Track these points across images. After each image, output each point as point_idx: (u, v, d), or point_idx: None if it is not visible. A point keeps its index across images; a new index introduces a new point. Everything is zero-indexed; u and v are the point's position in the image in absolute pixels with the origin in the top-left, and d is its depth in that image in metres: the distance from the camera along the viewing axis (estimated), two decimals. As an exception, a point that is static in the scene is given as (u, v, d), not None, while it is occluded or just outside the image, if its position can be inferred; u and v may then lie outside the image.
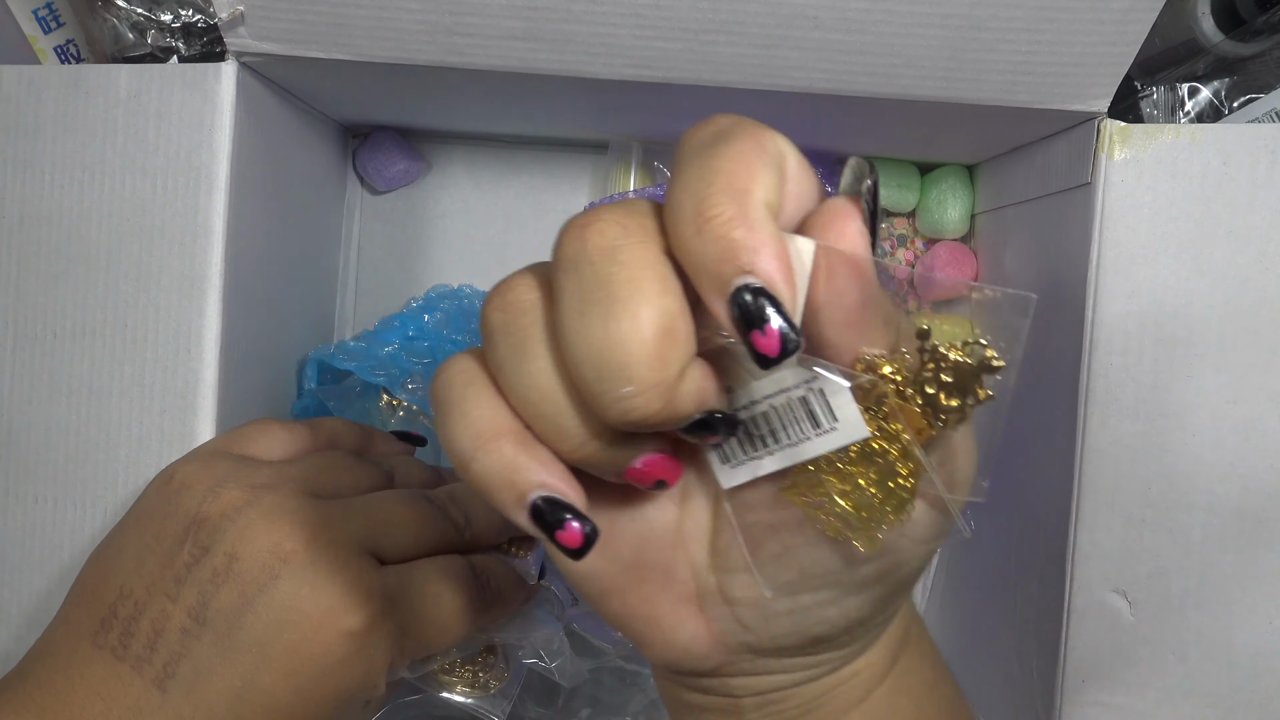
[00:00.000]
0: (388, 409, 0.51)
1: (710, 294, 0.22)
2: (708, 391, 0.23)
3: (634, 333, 0.21)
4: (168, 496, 0.35)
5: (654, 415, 0.22)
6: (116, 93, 0.41)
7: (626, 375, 0.21)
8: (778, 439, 0.25)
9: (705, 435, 0.24)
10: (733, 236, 0.21)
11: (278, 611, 0.32)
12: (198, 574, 0.32)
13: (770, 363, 0.22)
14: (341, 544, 0.34)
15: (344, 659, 0.33)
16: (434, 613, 0.35)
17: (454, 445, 0.24)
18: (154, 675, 0.32)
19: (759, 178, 0.22)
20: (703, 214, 0.21)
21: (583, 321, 0.22)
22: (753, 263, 0.21)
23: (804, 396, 0.24)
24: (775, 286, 0.21)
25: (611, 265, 0.22)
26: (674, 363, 0.22)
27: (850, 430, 0.24)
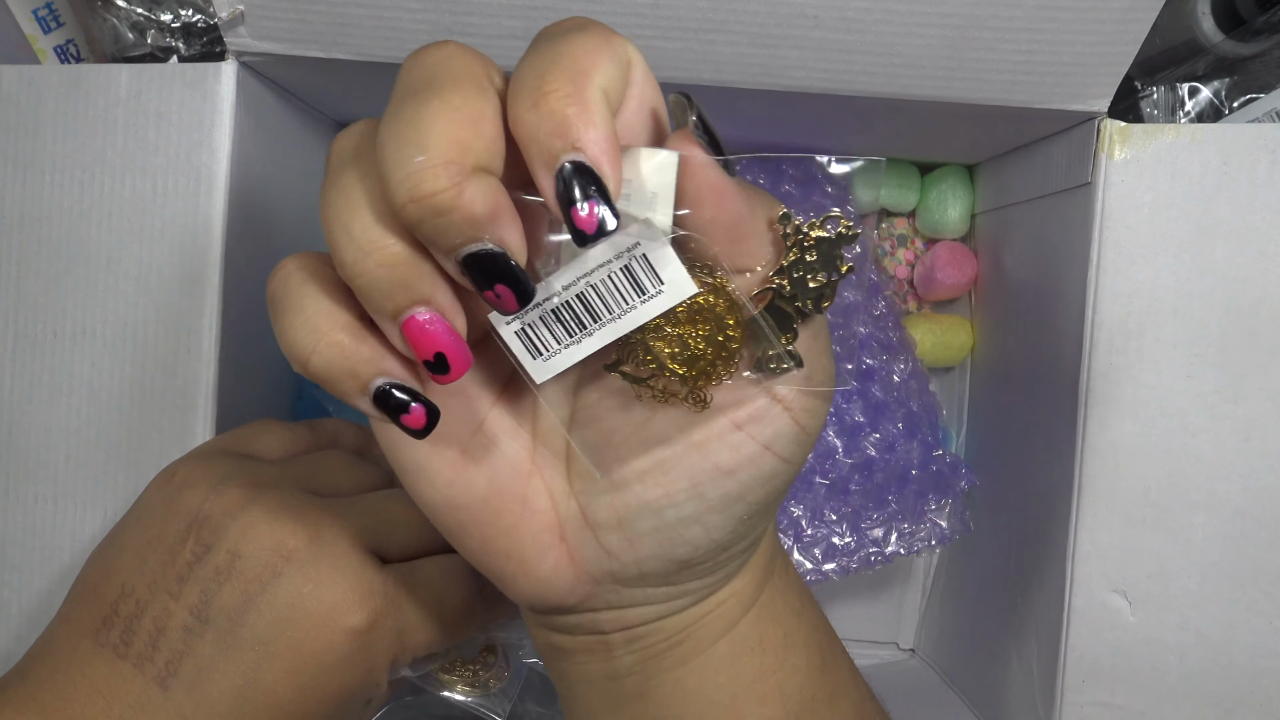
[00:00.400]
0: None
1: (537, 167, 0.22)
2: (505, 210, 0.22)
3: (440, 111, 0.21)
4: (169, 495, 0.35)
5: (440, 195, 0.21)
6: (117, 92, 0.41)
7: (422, 144, 0.21)
8: (598, 317, 0.25)
9: (493, 280, 0.23)
10: (565, 113, 0.21)
11: (280, 609, 0.32)
12: (200, 572, 0.32)
13: (587, 240, 0.22)
14: (344, 542, 0.34)
15: (346, 657, 0.33)
16: (436, 611, 0.35)
17: (292, 343, 0.25)
18: (156, 673, 0.31)
19: (601, 66, 0.22)
20: (540, 89, 0.22)
21: (395, 108, 0.22)
22: (581, 139, 0.21)
23: (626, 265, 0.24)
24: (600, 166, 0.22)
25: (439, 68, 0.23)
26: (471, 150, 0.22)
27: (678, 289, 0.24)
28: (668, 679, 0.31)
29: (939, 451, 0.53)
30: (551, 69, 0.22)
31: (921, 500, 0.53)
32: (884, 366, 0.53)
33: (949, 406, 0.59)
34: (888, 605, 0.61)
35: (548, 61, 0.22)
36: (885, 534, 0.52)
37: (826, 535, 0.52)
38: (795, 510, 0.52)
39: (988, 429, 0.55)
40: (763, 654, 0.31)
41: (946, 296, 0.58)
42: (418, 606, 0.35)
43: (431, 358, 0.24)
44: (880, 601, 0.61)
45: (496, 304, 0.24)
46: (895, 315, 0.55)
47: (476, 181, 0.22)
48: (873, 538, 0.52)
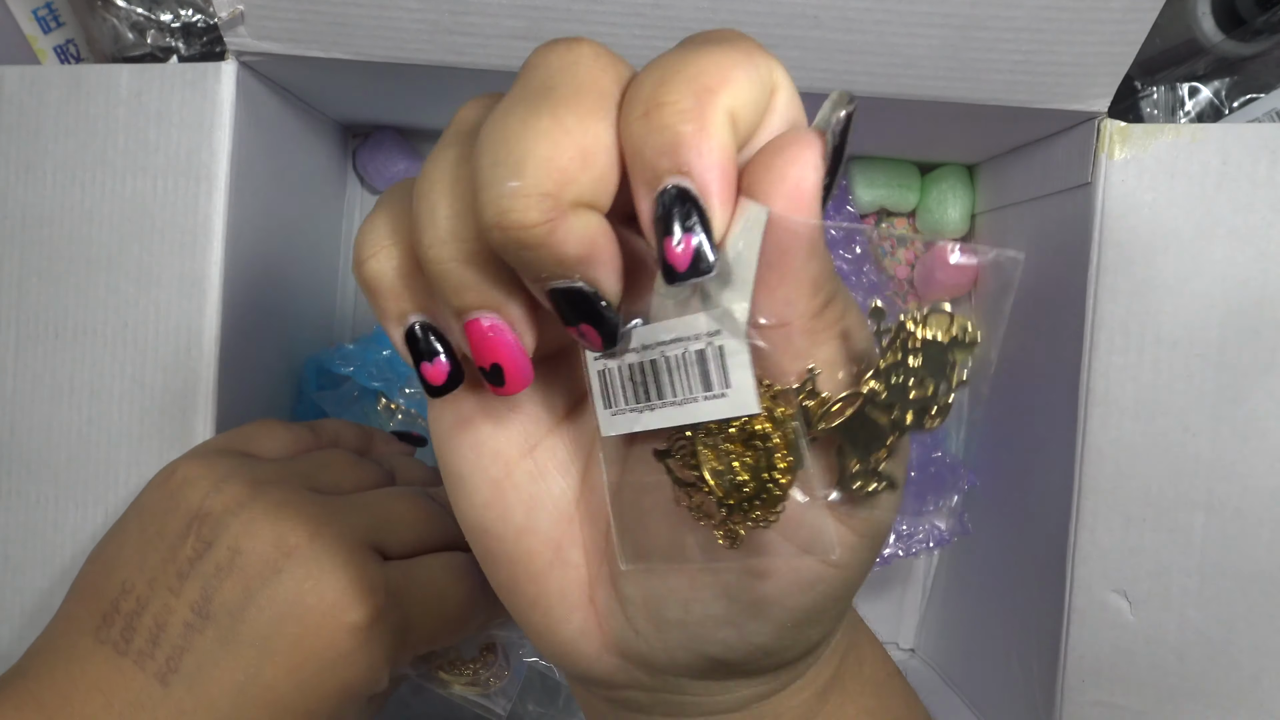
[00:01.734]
0: (385, 413, 0.51)
1: (638, 185, 0.20)
2: (602, 252, 0.20)
3: (548, 132, 0.19)
4: (169, 492, 0.35)
5: (530, 230, 0.19)
6: (118, 93, 0.41)
7: (520, 168, 0.19)
8: (663, 394, 0.22)
9: (579, 317, 0.21)
10: (679, 129, 0.19)
11: (281, 605, 0.32)
12: (201, 568, 0.32)
13: (677, 277, 0.20)
14: (345, 539, 0.33)
15: (348, 653, 0.32)
16: (437, 607, 0.35)
17: (361, 240, 0.23)
18: (156, 669, 0.31)
19: (734, 84, 0.19)
20: (656, 98, 0.19)
21: (506, 110, 0.20)
22: (691, 163, 0.19)
23: (702, 350, 0.21)
24: (708, 196, 0.19)
25: (564, 74, 0.20)
26: (574, 184, 0.19)
27: (740, 401, 0.21)
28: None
29: (938, 453, 0.53)
30: (674, 78, 0.19)
31: (920, 502, 0.53)
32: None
33: (949, 406, 0.59)
34: (888, 605, 0.61)
35: (673, 69, 0.20)
36: (884, 535, 0.52)
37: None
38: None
39: (987, 429, 0.55)
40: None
41: (946, 296, 0.58)
42: (419, 603, 0.35)
43: (487, 366, 0.22)
44: (880, 601, 0.61)
45: (581, 341, 0.22)
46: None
47: (573, 219, 0.19)
48: (872, 538, 0.52)
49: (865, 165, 0.56)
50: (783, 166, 0.19)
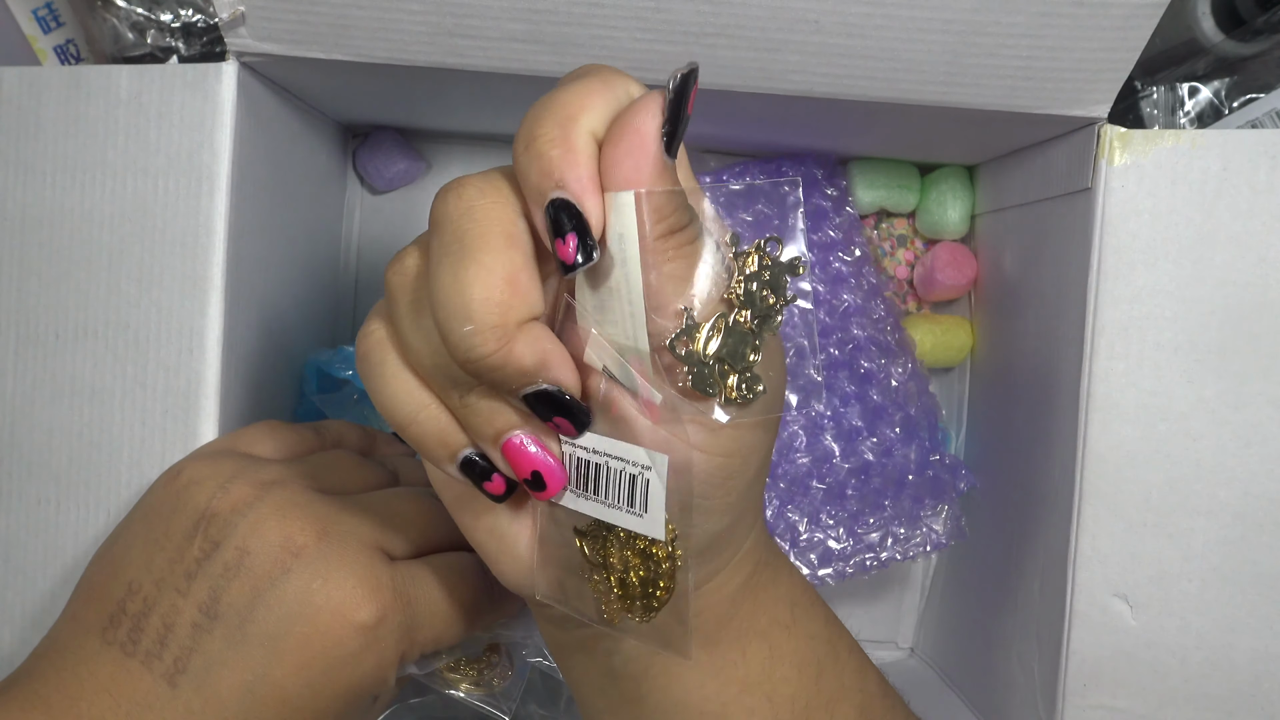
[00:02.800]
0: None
1: (531, 205, 0.25)
2: (551, 356, 0.25)
3: (476, 278, 0.24)
4: (175, 493, 0.35)
5: (490, 356, 0.24)
6: (118, 93, 0.41)
7: (467, 315, 0.24)
8: (599, 493, 0.27)
9: (551, 413, 0.26)
10: (550, 155, 0.24)
11: (290, 605, 0.32)
12: (208, 568, 0.33)
13: (570, 269, 0.24)
14: (352, 538, 0.34)
15: (355, 652, 0.33)
16: (444, 607, 0.35)
17: (392, 409, 0.28)
18: (164, 670, 0.32)
19: (590, 108, 0.24)
20: (531, 134, 0.24)
21: (439, 271, 0.25)
22: (564, 178, 0.24)
23: (634, 476, 0.27)
24: (581, 202, 0.24)
25: (466, 222, 0.25)
26: (513, 309, 0.24)
27: (649, 526, 0.27)
28: (657, 685, 0.32)
29: (936, 456, 0.53)
30: (544, 114, 0.24)
31: (918, 505, 0.53)
32: (882, 370, 0.53)
33: (948, 407, 0.59)
34: (887, 605, 0.61)
35: (543, 107, 0.25)
36: (881, 539, 0.52)
37: (823, 540, 0.52)
38: (792, 515, 0.52)
39: (987, 430, 0.55)
40: (746, 667, 0.32)
41: (946, 297, 0.58)
42: (426, 602, 0.35)
43: (529, 476, 0.27)
44: (879, 601, 0.61)
45: (559, 432, 0.27)
46: (895, 317, 0.55)
47: (521, 337, 0.25)
48: (868, 543, 0.52)
49: (865, 166, 0.56)
50: (626, 120, 0.24)
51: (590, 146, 0.24)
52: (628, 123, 0.24)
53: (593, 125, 0.24)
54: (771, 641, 0.32)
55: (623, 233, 0.25)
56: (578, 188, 0.24)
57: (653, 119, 0.24)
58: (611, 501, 0.27)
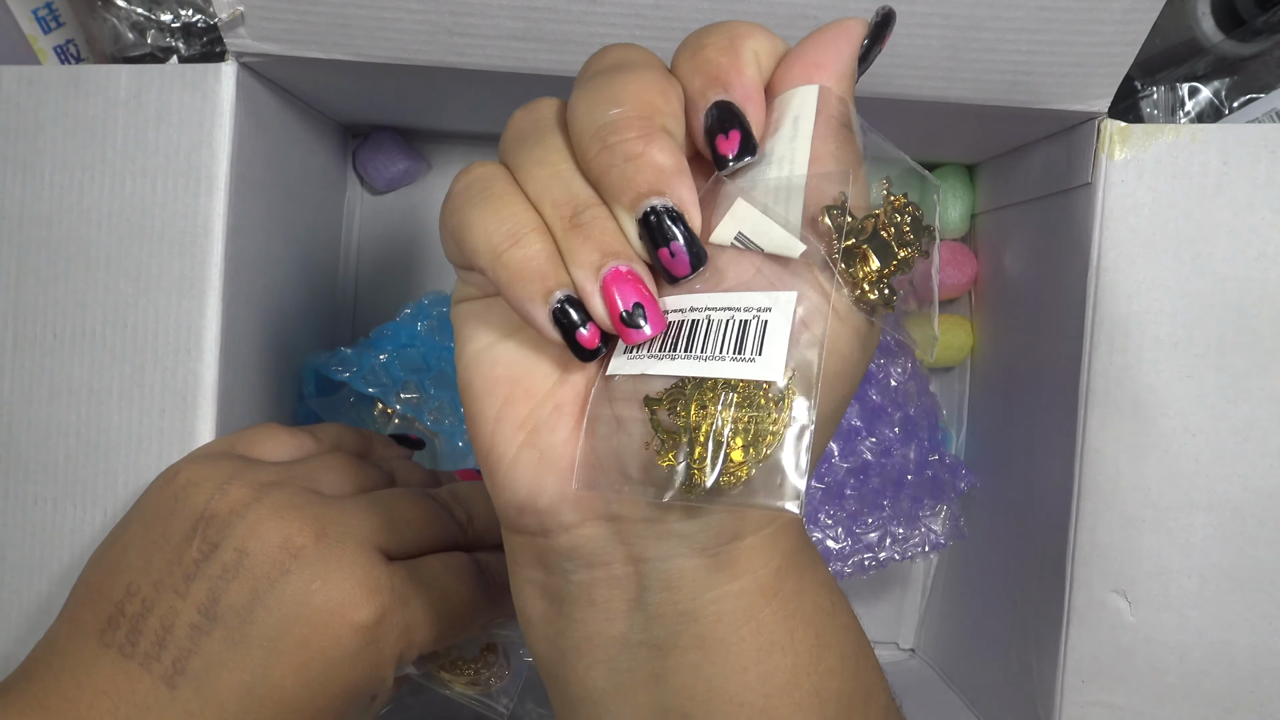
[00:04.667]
0: (381, 418, 0.51)
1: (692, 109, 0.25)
2: (684, 170, 0.25)
3: (634, 79, 0.25)
4: (173, 494, 0.35)
5: (631, 141, 0.24)
6: (116, 93, 0.41)
7: (618, 99, 0.24)
8: (690, 348, 0.25)
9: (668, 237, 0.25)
10: (719, 61, 0.25)
11: (289, 606, 0.32)
12: (207, 570, 0.33)
13: (728, 162, 0.25)
14: (351, 539, 0.34)
15: (354, 652, 0.33)
16: (442, 607, 0.35)
17: (491, 230, 0.25)
18: (163, 672, 0.32)
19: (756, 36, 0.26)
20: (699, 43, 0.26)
21: (587, 80, 0.26)
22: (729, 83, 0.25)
23: (745, 320, 0.25)
24: (745, 106, 0.25)
25: (629, 55, 0.26)
26: (660, 113, 0.24)
27: (766, 368, 0.24)
28: (686, 662, 0.27)
29: (935, 456, 0.53)
30: (713, 31, 0.26)
31: (916, 506, 0.53)
32: (881, 369, 0.53)
33: (949, 407, 0.59)
34: (888, 605, 0.61)
35: (711, 27, 0.26)
36: (880, 539, 0.52)
37: (821, 540, 0.52)
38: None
39: (988, 429, 0.55)
40: (795, 654, 0.27)
41: (946, 297, 0.58)
42: (424, 602, 0.35)
43: (630, 308, 0.25)
44: (880, 601, 0.61)
45: (669, 265, 0.25)
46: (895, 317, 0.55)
47: (662, 137, 0.24)
48: (866, 542, 0.52)
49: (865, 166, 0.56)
50: (834, 23, 0.26)
51: (755, 64, 0.25)
52: (837, 24, 0.26)
53: (758, 49, 0.25)
54: (817, 628, 0.28)
55: (799, 115, 0.25)
56: (742, 94, 0.25)
57: (860, 26, 0.26)
58: (711, 353, 0.25)
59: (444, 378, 0.52)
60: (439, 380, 0.52)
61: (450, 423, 0.51)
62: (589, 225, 0.25)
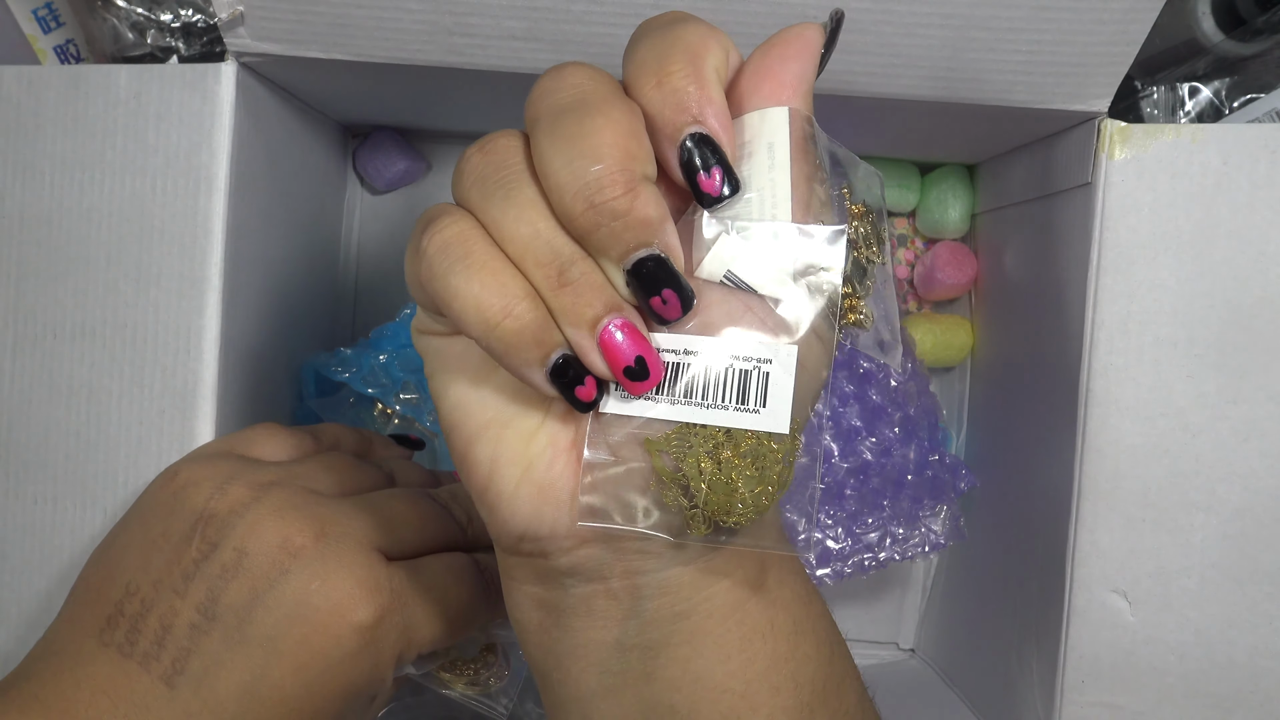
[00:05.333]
0: (381, 418, 0.51)
1: (663, 140, 0.25)
2: (668, 217, 0.25)
3: (605, 126, 0.24)
4: (173, 494, 0.35)
5: (618, 199, 0.23)
6: (116, 93, 0.41)
7: (597, 155, 0.23)
8: (690, 394, 0.26)
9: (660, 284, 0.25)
10: (688, 89, 0.24)
11: (288, 606, 0.32)
12: (206, 569, 0.33)
13: (715, 202, 0.25)
14: (350, 539, 0.34)
15: (353, 653, 0.33)
16: (441, 607, 0.35)
17: (481, 304, 0.25)
18: (162, 671, 0.32)
19: (713, 49, 0.25)
20: (664, 69, 0.24)
21: (560, 123, 0.24)
22: (703, 114, 0.24)
23: (746, 370, 0.25)
24: (718, 136, 0.24)
25: (587, 84, 0.25)
26: (637, 160, 0.24)
27: (772, 420, 0.25)
28: (676, 657, 0.28)
29: (935, 456, 0.53)
30: (671, 51, 0.25)
31: (916, 506, 0.53)
32: (881, 370, 0.53)
33: (949, 407, 0.59)
34: (888, 605, 0.61)
35: (667, 45, 0.25)
36: (880, 539, 0.52)
37: (821, 540, 0.52)
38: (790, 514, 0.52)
39: (988, 429, 0.55)
40: (775, 641, 0.29)
41: (946, 296, 0.58)
42: (423, 603, 0.35)
43: (632, 362, 0.25)
44: (880, 601, 0.61)
45: (661, 310, 0.25)
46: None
47: (645, 188, 0.24)
48: (866, 542, 0.52)
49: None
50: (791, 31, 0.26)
51: (719, 85, 0.25)
52: (795, 33, 0.25)
53: (717, 64, 0.25)
54: (795, 615, 0.30)
55: (773, 141, 0.25)
56: (716, 124, 0.24)
57: (818, 34, 0.25)
58: (713, 402, 0.25)
59: None
60: None
61: None
62: (578, 282, 0.25)
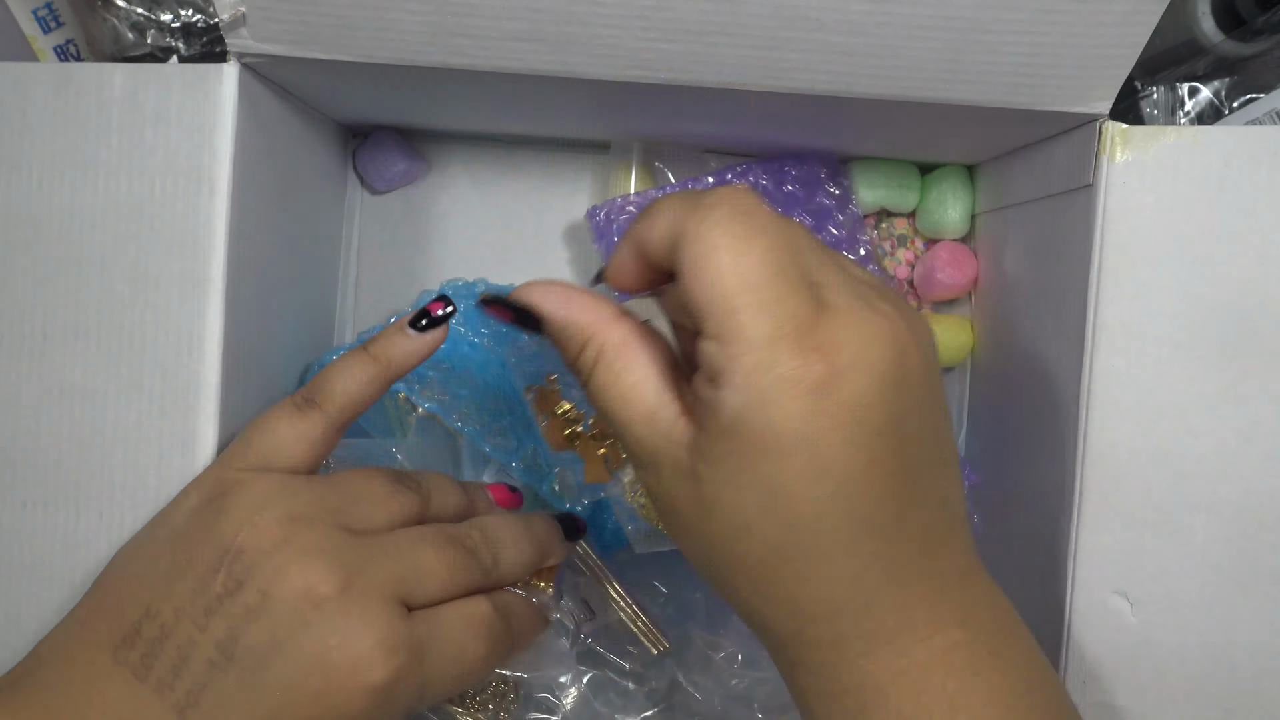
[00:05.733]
0: (406, 404, 0.50)
1: None
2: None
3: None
4: (205, 519, 0.35)
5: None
6: (110, 91, 0.40)
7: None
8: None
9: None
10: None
11: (307, 658, 0.32)
12: (230, 607, 0.32)
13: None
14: (374, 592, 0.33)
15: (365, 711, 0.32)
16: (456, 665, 0.35)
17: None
18: (175, 702, 0.31)
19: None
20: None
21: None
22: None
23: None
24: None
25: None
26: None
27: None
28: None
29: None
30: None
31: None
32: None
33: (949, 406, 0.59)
34: (888, 605, 0.61)
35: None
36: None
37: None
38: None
39: (988, 429, 0.55)
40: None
41: (946, 296, 0.58)
42: (438, 660, 0.35)
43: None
44: (880, 601, 0.60)
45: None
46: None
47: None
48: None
49: (865, 166, 0.56)
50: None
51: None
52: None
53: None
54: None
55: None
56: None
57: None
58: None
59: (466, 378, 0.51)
60: (462, 379, 0.51)
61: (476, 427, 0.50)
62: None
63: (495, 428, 0.50)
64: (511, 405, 0.51)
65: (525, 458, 0.49)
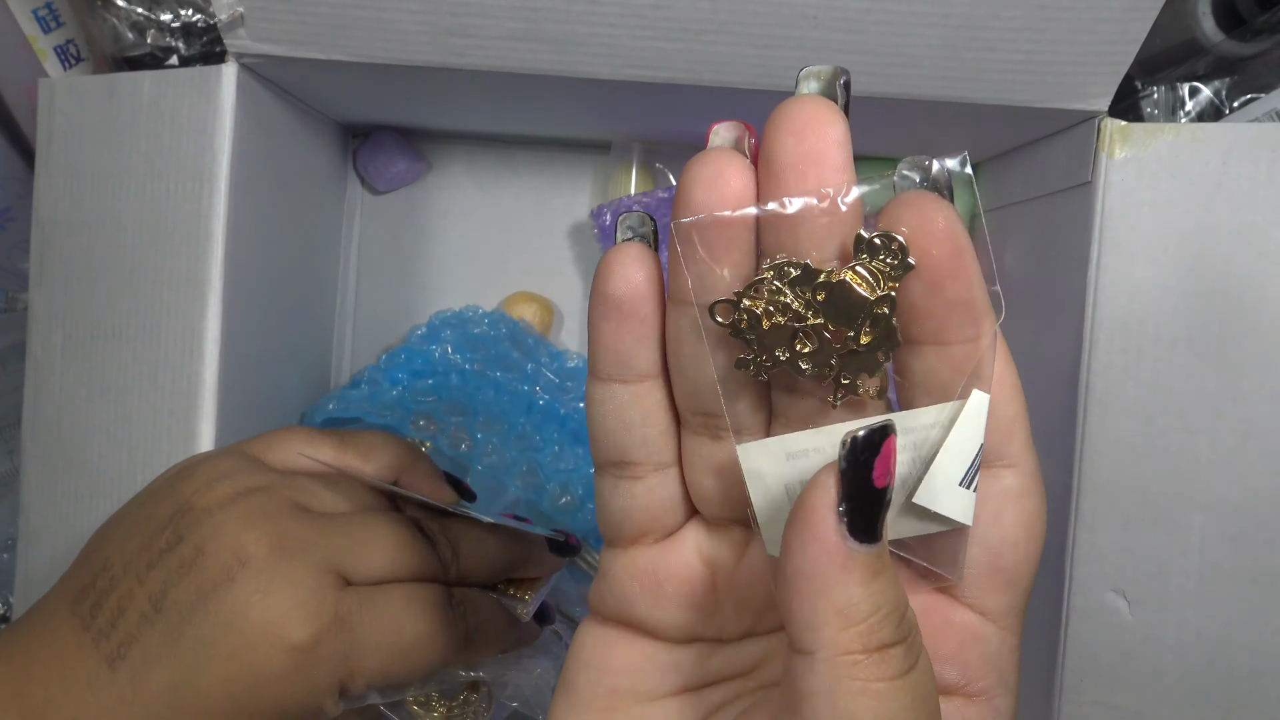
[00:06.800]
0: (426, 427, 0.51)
1: None
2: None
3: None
4: (171, 479, 0.36)
5: None
6: (140, 99, 0.42)
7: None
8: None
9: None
10: None
11: (226, 614, 0.32)
12: (167, 561, 0.33)
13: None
14: (306, 557, 0.33)
15: (283, 673, 0.32)
16: (391, 639, 0.34)
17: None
18: (108, 653, 0.32)
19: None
20: None
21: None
22: None
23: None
24: None
25: None
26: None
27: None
28: None
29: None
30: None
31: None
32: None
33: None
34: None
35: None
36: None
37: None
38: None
39: (988, 428, 0.55)
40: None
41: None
42: (371, 632, 0.34)
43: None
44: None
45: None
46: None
47: None
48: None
49: (865, 166, 0.56)
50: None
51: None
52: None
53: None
54: None
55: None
56: None
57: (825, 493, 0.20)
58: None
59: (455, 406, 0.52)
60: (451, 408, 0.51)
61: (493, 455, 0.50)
62: None
63: (488, 447, 0.50)
64: (502, 424, 0.51)
65: (522, 474, 0.50)
